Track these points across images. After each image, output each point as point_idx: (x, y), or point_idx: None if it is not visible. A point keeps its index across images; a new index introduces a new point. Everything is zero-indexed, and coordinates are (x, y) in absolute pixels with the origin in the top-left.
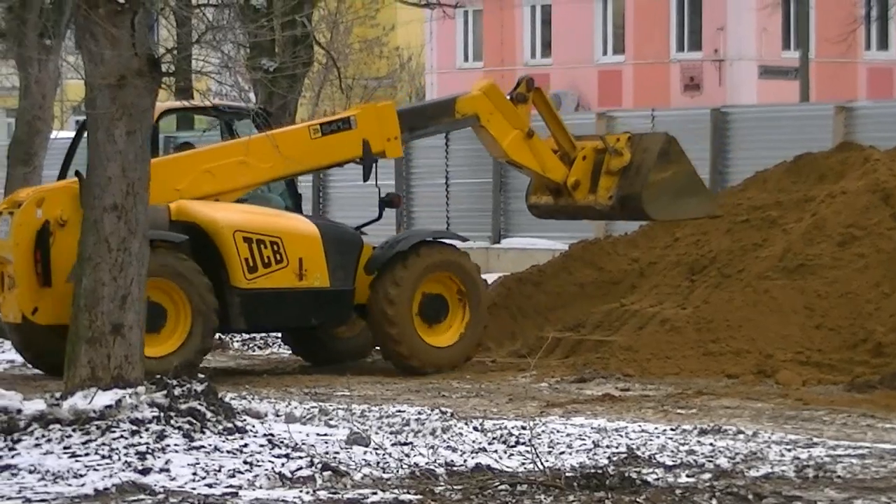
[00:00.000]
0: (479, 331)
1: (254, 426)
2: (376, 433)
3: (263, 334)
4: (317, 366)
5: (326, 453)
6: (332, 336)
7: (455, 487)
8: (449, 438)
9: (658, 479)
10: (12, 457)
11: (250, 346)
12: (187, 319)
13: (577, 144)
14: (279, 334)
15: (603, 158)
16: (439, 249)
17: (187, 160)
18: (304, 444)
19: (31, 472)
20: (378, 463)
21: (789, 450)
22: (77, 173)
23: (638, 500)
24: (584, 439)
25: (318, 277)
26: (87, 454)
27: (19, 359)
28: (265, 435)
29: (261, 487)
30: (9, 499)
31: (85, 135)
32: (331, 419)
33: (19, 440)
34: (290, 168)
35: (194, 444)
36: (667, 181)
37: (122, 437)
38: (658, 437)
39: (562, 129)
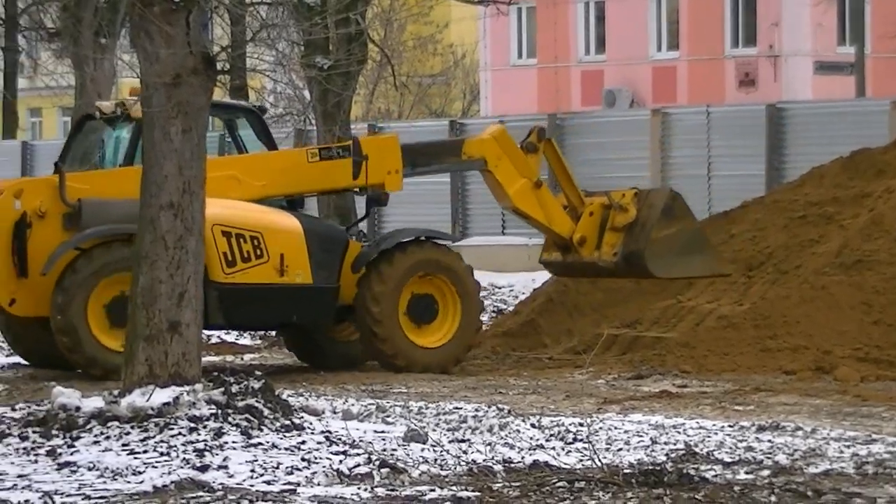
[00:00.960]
0: (471, 333)
1: (311, 423)
2: (434, 430)
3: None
4: (316, 369)
5: (384, 450)
6: (330, 339)
7: (513, 484)
8: (506, 435)
9: (717, 476)
10: (71, 454)
11: None
12: None
13: (585, 200)
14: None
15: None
16: (428, 248)
17: None
18: (361, 440)
19: (90, 469)
20: (436, 460)
21: (848, 446)
22: (56, 166)
23: (696, 496)
24: (641, 436)
25: (299, 274)
26: (145, 451)
27: None
28: (323, 432)
29: (319, 484)
30: (68, 496)
31: (81, 131)
32: (388, 416)
33: (78, 437)
34: (283, 189)
35: (252, 441)
36: (670, 238)
37: (180, 434)
38: (716, 433)
39: (571, 183)
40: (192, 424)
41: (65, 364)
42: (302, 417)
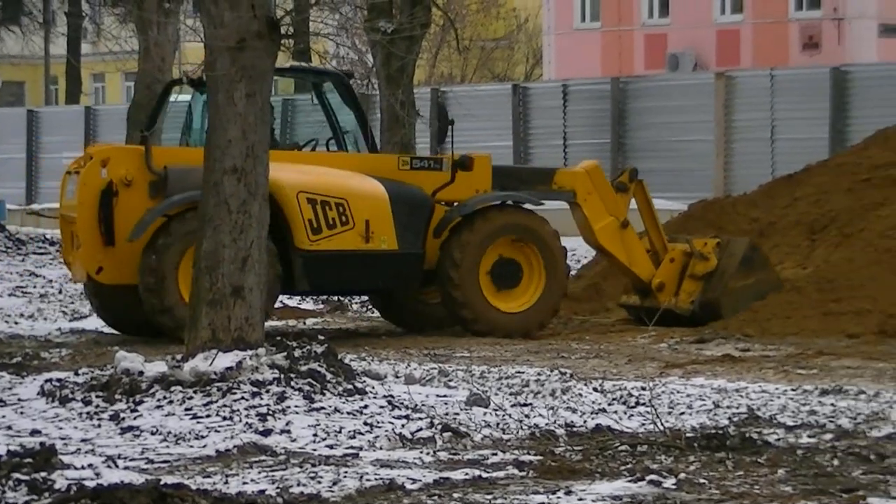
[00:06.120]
0: (556, 298)
1: (374, 387)
2: (496, 394)
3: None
4: (406, 331)
5: (446, 414)
6: (420, 300)
7: (575, 448)
8: (569, 399)
9: (779, 440)
10: (134, 418)
11: (370, 308)
12: None
13: (668, 246)
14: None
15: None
16: (510, 212)
17: (287, 156)
18: (424, 405)
19: (153, 433)
20: (498, 424)
21: None
22: (142, 133)
23: (759, 460)
24: (704, 400)
25: (384, 240)
26: (208, 416)
27: None
28: (385, 396)
29: (381, 448)
30: (131, 460)
31: (171, 98)
32: (450, 380)
33: (141, 402)
34: None
35: (315, 405)
36: (748, 289)
37: (242, 398)
38: (779, 397)
39: (657, 227)
40: (255, 389)
41: (150, 331)
42: (364, 382)
